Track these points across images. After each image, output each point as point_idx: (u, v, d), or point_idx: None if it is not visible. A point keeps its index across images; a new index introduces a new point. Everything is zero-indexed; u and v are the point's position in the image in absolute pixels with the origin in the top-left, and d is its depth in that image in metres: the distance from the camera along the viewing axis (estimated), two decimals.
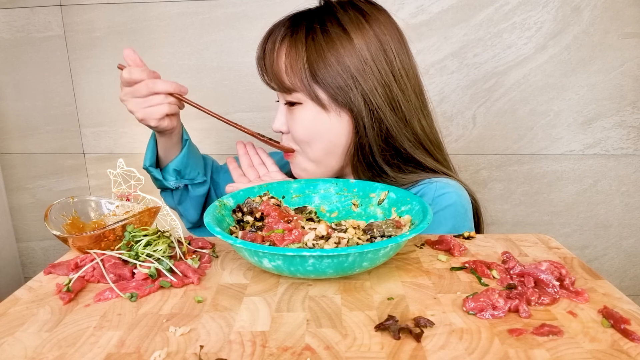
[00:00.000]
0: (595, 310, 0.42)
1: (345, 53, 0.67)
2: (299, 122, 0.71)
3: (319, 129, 0.71)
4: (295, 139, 0.73)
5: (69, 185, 1.36)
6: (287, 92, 0.70)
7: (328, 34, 0.68)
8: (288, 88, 0.69)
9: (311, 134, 0.71)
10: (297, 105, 0.71)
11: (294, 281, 0.48)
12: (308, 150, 0.73)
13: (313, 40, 0.68)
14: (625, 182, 1.22)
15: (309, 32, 0.68)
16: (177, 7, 1.19)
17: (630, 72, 1.13)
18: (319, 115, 0.70)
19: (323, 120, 0.70)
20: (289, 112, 0.73)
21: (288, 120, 0.73)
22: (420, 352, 0.36)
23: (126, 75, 0.69)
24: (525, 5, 1.11)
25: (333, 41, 0.68)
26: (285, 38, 0.70)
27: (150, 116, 0.70)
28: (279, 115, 0.74)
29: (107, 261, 0.50)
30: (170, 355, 0.36)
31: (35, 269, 1.45)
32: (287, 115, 0.74)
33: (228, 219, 0.57)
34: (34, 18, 1.23)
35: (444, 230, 0.67)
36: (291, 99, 0.70)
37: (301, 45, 0.68)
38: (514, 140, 1.21)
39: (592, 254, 1.28)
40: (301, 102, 0.70)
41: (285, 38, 0.70)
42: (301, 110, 0.70)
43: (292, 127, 0.72)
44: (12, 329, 0.40)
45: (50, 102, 1.30)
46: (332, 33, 0.68)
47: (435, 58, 1.17)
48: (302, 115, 0.70)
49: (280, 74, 0.69)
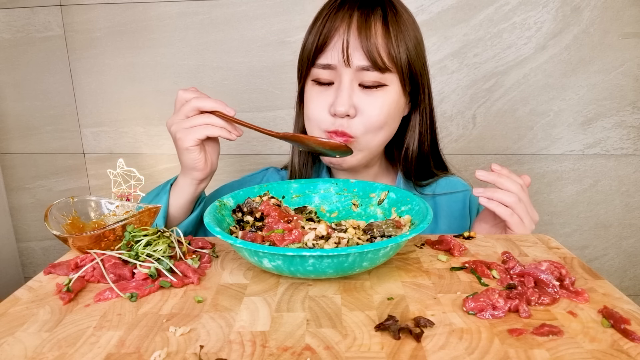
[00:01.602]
0: (595, 310, 0.42)
1: (420, 39, 0.71)
2: (379, 105, 0.67)
3: (393, 115, 0.69)
4: (368, 123, 0.68)
5: (69, 185, 1.36)
6: (380, 72, 0.66)
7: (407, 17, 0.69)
8: (385, 67, 0.66)
9: (386, 119, 0.68)
10: (380, 88, 0.67)
11: (294, 281, 0.48)
12: (370, 139, 0.70)
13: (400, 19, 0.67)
14: (625, 182, 1.22)
15: (393, 12, 0.67)
16: (177, 7, 1.19)
17: (630, 72, 1.13)
18: (399, 99, 0.69)
19: (401, 105, 0.70)
20: (362, 93, 0.68)
21: (357, 102, 0.68)
22: (420, 352, 0.36)
23: (181, 94, 0.66)
24: (525, 5, 1.11)
25: (413, 24, 0.70)
26: (377, 15, 0.66)
27: (189, 136, 0.64)
28: (346, 96, 0.67)
29: (107, 261, 0.50)
30: (170, 355, 0.36)
31: (35, 269, 1.45)
32: (354, 98, 0.68)
33: (228, 219, 0.57)
34: (34, 18, 1.23)
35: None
36: (379, 80, 0.67)
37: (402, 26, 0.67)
38: (514, 140, 1.21)
39: (592, 254, 1.28)
40: (387, 84, 0.67)
41: (377, 15, 0.66)
42: (384, 93, 0.67)
43: (365, 109, 0.67)
44: (12, 329, 0.40)
45: (50, 102, 1.30)
46: (407, 17, 0.69)
47: (435, 58, 1.17)
48: (385, 98, 0.67)
49: (379, 51, 0.65)
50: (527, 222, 0.63)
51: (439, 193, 0.80)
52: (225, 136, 0.66)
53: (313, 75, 0.70)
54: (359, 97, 0.68)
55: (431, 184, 0.80)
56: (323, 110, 0.69)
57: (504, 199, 0.63)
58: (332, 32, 0.67)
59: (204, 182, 0.71)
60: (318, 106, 0.70)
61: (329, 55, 0.67)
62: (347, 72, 0.67)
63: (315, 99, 0.70)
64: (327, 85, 0.70)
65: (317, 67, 0.69)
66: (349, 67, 0.66)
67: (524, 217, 0.63)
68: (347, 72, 0.67)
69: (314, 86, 0.71)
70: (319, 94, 0.70)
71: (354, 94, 0.67)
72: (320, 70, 0.69)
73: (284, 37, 1.18)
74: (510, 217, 0.63)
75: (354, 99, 0.67)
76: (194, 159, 0.66)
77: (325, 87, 0.70)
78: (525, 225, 0.63)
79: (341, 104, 0.66)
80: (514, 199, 0.62)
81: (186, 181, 0.69)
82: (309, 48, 0.69)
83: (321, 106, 0.69)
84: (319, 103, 0.70)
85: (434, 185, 0.81)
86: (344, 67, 0.66)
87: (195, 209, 0.74)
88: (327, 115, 0.69)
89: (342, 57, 0.66)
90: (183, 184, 0.70)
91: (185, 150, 0.66)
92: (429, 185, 0.80)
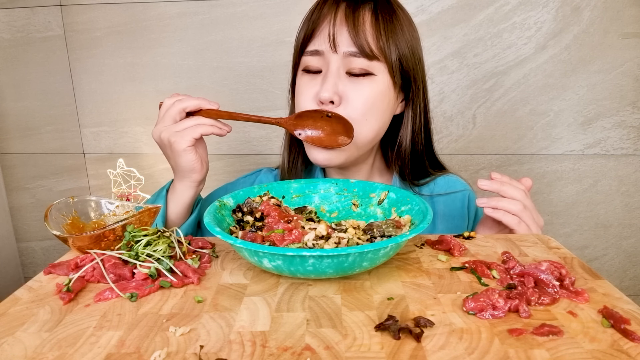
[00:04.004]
0: (595, 310, 0.42)
1: (416, 38, 0.71)
2: (363, 93, 0.67)
3: (379, 106, 0.68)
4: (350, 111, 0.67)
5: (69, 185, 1.36)
6: (368, 59, 0.66)
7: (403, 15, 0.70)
8: (373, 54, 0.66)
9: (370, 110, 0.68)
10: (368, 77, 0.67)
11: (294, 281, 0.48)
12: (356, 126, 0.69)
13: (393, 15, 0.67)
14: (625, 182, 1.22)
15: (384, 6, 0.67)
16: (177, 7, 1.19)
17: (630, 72, 1.13)
18: (387, 92, 0.68)
19: (389, 99, 0.69)
20: (348, 81, 0.67)
21: (343, 90, 0.67)
22: (420, 352, 0.36)
23: (165, 102, 0.67)
24: (525, 5, 1.11)
25: (409, 23, 0.70)
26: (367, 6, 0.66)
27: (184, 137, 0.65)
28: (332, 81, 0.66)
29: (107, 261, 0.50)
30: (170, 355, 0.36)
31: (35, 269, 1.45)
32: (340, 85, 0.67)
33: (228, 219, 0.57)
34: (34, 18, 1.23)
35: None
36: (367, 67, 0.66)
37: (394, 19, 0.67)
38: (514, 140, 1.21)
39: (592, 254, 1.28)
40: (374, 73, 0.67)
41: (365, 6, 0.66)
42: (370, 81, 0.67)
43: (350, 97, 0.67)
44: (12, 329, 0.40)
45: (50, 102, 1.30)
46: (402, 16, 0.69)
47: (435, 58, 1.17)
48: (371, 87, 0.67)
49: (366, 37, 0.65)
50: (535, 228, 0.63)
51: (437, 194, 0.79)
52: (217, 132, 0.67)
53: (303, 64, 0.71)
54: (345, 85, 0.67)
55: (428, 183, 0.80)
56: (310, 99, 0.69)
57: (510, 208, 0.62)
58: (320, 19, 0.67)
59: (202, 183, 0.71)
60: (306, 96, 0.70)
61: (317, 42, 0.68)
62: (334, 58, 0.67)
63: (304, 88, 0.70)
64: (315, 74, 0.70)
65: (306, 54, 0.70)
66: (335, 54, 0.67)
67: (530, 224, 0.63)
68: (335, 58, 0.67)
69: (304, 75, 0.71)
70: (307, 83, 0.70)
71: (339, 82, 0.67)
72: (309, 57, 0.69)
73: (283, 37, 1.18)
74: (518, 225, 0.62)
75: (340, 86, 0.67)
76: (191, 160, 0.66)
77: (314, 76, 0.70)
78: (532, 231, 0.63)
79: (325, 89, 0.66)
80: (520, 206, 0.62)
81: (185, 185, 0.69)
82: (299, 38, 0.71)
83: (309, 95, 0.69)
84: (307, 92, 0.70)
85: (432, 184, 0.80)
86: (332, 52, 0.67)
87: (193, 212, 0.74)
88: (314, 104, 0.69)
89: (328, 42, 0.66)
90: (181, 189, 0.70)
91: (182, 152, 0.66)
92: (426, 185, 0.80)
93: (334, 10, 0.67)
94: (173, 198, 0.71)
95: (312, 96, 0.69)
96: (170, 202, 0.71)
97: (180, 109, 0.66)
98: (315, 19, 0.68)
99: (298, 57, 0.72)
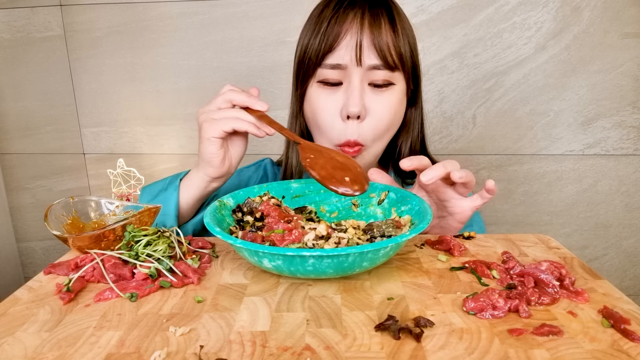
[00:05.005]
0: (595, 310, 0.42)
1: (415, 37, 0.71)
2: (388, 105, 0.65)
3: (398, 116, 0.68)
4: (377, 126, 0.66)
5: (69, 185, 1.36)
6: (390, 70, 0.65)
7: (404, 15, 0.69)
8: (395, 65, 0.65)
9: (393, 120, 0.67)
10: (390, 87, 0.66)
11: (294, 281, 0.48)
12: (378, 144, 0.68)
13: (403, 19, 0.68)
14: (625, 182, 1.22)
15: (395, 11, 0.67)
16: (177, 7, 1.19)
17: (630, 72, 1.13)
18: (403, 98, 0.68)
19: (403, 106, 0.68)
20: (372, 93, 0.66)
21: (368, 103, 0.66)
22: (420, 352, 0.36)
23: (223, 88, 0.64)
24: (525, 5, 1.11)
25: (409, 22, 0.70)
26: (384, 14, 0.66)
27: (215, 126, 0.61)
28: (357, 96, 0.65)
29: (107, 261, 0.50)
30: (170, 355, 0.36)
31: (35, 269, 1.45)
32: (365, 98, 0.66)
33: (228, 219, 0.57)
34: (34, 18, 1.23)
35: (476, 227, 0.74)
36: (389, 78, 0.66)
37: (405, 24, 0.67)
38: (514, 140, 1.21)
39: (592, 254, 1.28)
40: (395, 82, 0.66)
41: (383, 14, 0.66)
42: (391, 91, 0.66)
43: (375, 109, 0.66)
44: (12, 329, 0.40)
45: (50, 102, 1.30)
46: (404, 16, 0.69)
47: (435, 58, 1.17)
48: (392, 97, 0.66)
49: (390, 50, 0.64)
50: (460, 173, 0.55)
51: None
52: (253, 131, 0.62)
53: (319, 76, 0.69)
54: (369, 97, 0.67)
55: None
56: (333, 115, 0.68)
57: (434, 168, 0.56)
58: (342, 31, 0.65)
59: (215, 182, 0.67)
60: (328, 112, 0.68)
61: (339, 55, 0.66)
62: (357, 71, 0.66)
63: (324, 102, 0.68)
64: (334, 86, 0.68)
65: (325, 67, 0.67)
66: (359, 67, 0.66)
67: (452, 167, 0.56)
68: (357, 71, 0.66)
69: (320, 88, 0.69)
70: (328, 97, 0.68)
71: (364, 94, 0.66)
72: (328, 70, 0.67)
73: (283, 37, 1.18)
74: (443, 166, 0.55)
75: (365, 99, 0.66)
76: (212, 152, 0.63)
77: (333, 89, 0.68)
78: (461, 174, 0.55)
79: (354, 104, 0.65)
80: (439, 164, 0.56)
81: (198, 175, 0.67)
82: (315, 48, 0.67)
83: (331, 111, 0.68)
84: (329, 107, 0.68)
85: None
86: (355, 66, 0.66)
87: (202, 210, 0.72)
88: (339, 120, 0.68)
89: (354, 56, 0.65)
90: (194, 177, 0.67)
91: (206, 140, 0.62)
92: None
93: (359, 21, 0.65)
94: (185, 184, 0.68)
95: (336, 111, 0.68)
96: (182, 189, 0.68)
97: (228, 99, 0.63)
98: (335, 32, 0.65)
99: (313, 68, 0.69)
